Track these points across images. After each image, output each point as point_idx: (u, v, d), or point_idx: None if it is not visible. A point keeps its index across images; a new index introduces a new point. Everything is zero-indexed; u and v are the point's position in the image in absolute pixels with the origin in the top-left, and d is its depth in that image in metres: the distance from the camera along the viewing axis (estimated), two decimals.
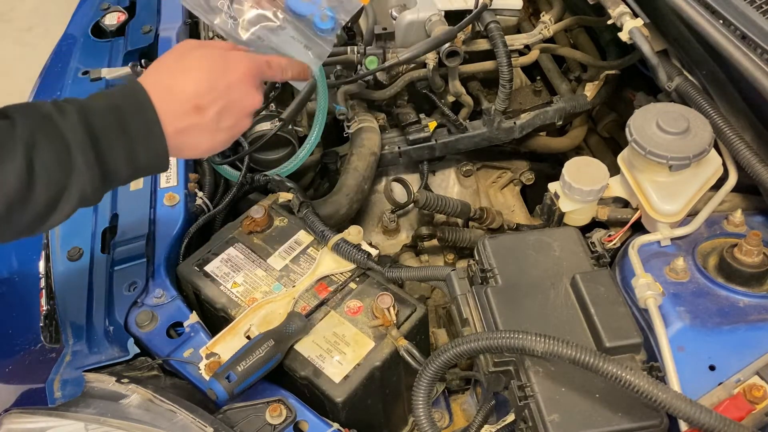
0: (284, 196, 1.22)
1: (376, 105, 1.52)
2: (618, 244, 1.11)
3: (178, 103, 0.83)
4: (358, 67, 1.40)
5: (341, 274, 1.11)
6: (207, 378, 0.97)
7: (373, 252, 1.10)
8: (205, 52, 0.88)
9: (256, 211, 1.17)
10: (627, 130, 1.07)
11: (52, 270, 1.17)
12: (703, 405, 0.77)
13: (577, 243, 1.04)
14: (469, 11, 1.37)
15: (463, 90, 1.46)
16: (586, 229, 1.14)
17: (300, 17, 1.00)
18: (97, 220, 1.21)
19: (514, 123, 1.48)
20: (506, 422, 0.96)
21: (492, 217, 1.41)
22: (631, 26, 1.20)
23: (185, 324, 1.06)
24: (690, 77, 1.18)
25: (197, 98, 0.84)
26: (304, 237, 1.16)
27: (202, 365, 0.99)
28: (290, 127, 1.41)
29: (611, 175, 1.13)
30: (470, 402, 1.20)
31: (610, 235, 1.12)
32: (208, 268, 1.12)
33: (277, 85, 1.35)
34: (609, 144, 1.64)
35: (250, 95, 0.89)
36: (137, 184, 1.24)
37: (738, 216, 1.07)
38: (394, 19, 1.43)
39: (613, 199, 1.16)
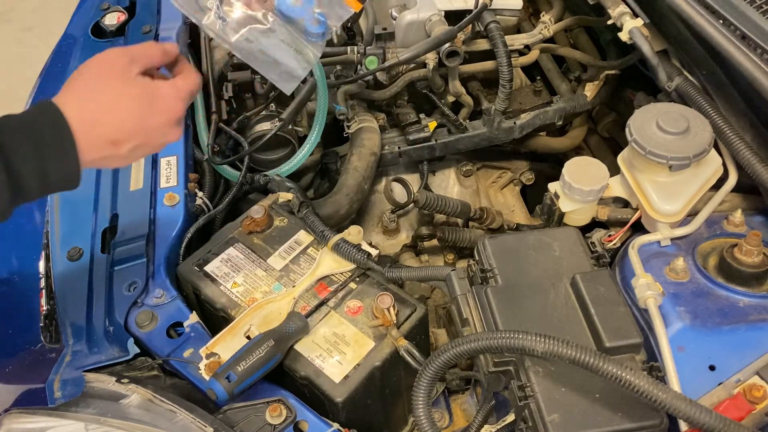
0: (284, 196, 1.22)
1: (376, 105, 1.52)
2: (618, 244, 1.11)
3: (96, 137, 0.85)
4: (358, 67, 1.40)
5: (341, 274, 1.11)
6: (207, 378, 0.97)
7: (373, 252, 1.10)
8: (133, 90, 0.88)
9: (256, 211, 1.17)
10: (627, 130, 1.07)
11: (52, 270, 1.17)
12: (703, 405, 0.77)
13: (577, 243, 1.04)
14: (469, 11, 1.36)
15: (463, 90, 1.46)
16: (586, 229, 1.14)
17: (290, 20, 0.99)
18: (97, 220, 1.21)
19: (514, 123, 1.48)
20: (506, 422, 0.96)
21: (492, 217, 1.41)
22: (631, 26, 1.20)
23: (185, 324, 1.06)
24: (690, 77, 1.18)
25: (117, 135, 0.86)
26: (304, 237, 1.16)
27: (202, 365, 0.99)
28: (290, 127, 1.41)
29: (611, 175, 1.13)
30: (470, 402, 1.20)
31: (610, 235, 1.12)
32: (208, 268, 1.12)
33: None
34: (609, 144, 1.64)
35: (169, 135, 0.92)
36: (137, 184, 1.24)
37: (738, 216, 1.07)
38: (394, 19, 1.43)
39: (613, 199, 1.16)
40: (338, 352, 1.00)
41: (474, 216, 1.39)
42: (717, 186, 1.10)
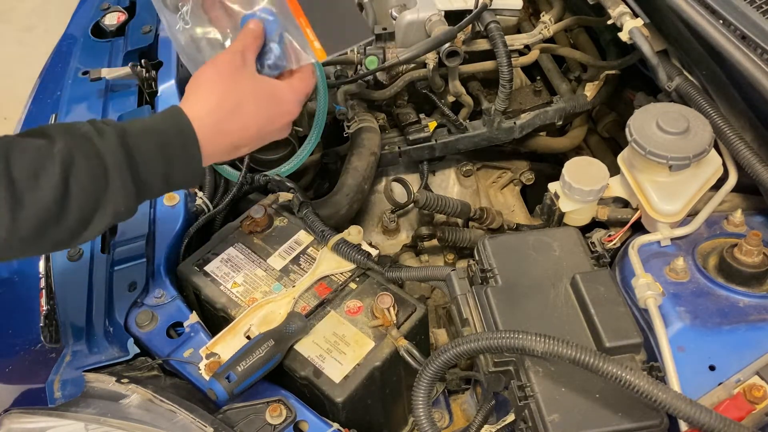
0: (284, 196, 1.22)
1: (376, 105, 1.52)
2: (618, 244, 1.11)
3: (221, 144, 0.88)
4: (358, 67, 1.40)
5: (341, 274, 1.11)
6: (207, 378, 0.97)
7: (373, 252, 1.10)
8: (258, 91, 0.90)
9: (256, 211, 1.17)
10: (627, 130, 1.07)
11: (52, 270, 1.17)
12: (703, 405, 0.77)
13: (577, 243, 1.04)
14: (469, 11, 1.36)
15: (463, 90, 1.46)
16: (586, 229, 1.14)
17: None
18: None
19: (514, 123, 1.48)
20: (506, 422, 0.96)
21: (492, 217, 1.41)
22: (631, 26, 1.20)
23: (185, 324, 1.06)
24: (690, 77, 1.18)
25: (240, 141, 0.90)
26: (304, 237, 1.16)
27: (202, 365, 0.99)
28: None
29: (611, 175, 1.13)
30: (470, 402, 1.20)
31: (610, 235, 1.12)
32: (208, 268, 1.12)
33: None
34: (609, 144, 1.64)
35: (280, 135, 0.95)
36: None
37: (738, 216, 1.07)
38: (394, 19, 1.43)
39: (613, 199, 1.16)
40: (338, 352, 1.00)
41: (474, 216, 1.39)
42: (717, 186, 1.10)
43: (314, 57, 0.95)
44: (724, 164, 1.10)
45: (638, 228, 1.11)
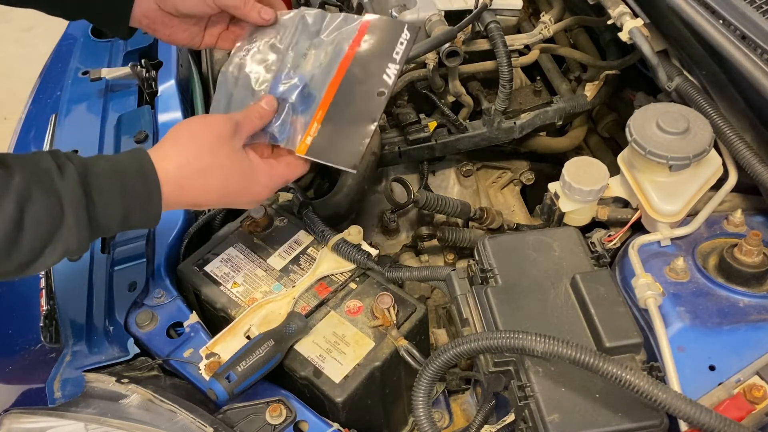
0: (284, 196, 1.22)
1: None
2: (618, 244, 1.11)
3: (181, 198, 0.88)
4: None
5: (341, 274, 1.11)
6: (207, 378, 0.97)
7: (373, 252, 1.10)
8: (234, 167, 0.89)
9: (256, 211, 1.17)
10: (627, 130, 1.07)
11: (52, 270, 1.17)
12: (703, 405, 0.77)
13: (577, 243, 1.04)
14: (469, 11, 1.36)
15: (463, 90, 1.46)
16: (586, 229, 1.14)
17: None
18: None
19: (514, 123, 1.48)
20: (506, 422, 0.96)
21: (492, 217, 1.41)
22: (631, 26, 1.20)
23: (185, 324, 1.07)
24: (690, 77, 1.18)
25: (200, 201, 0.90)
26: (304, 237, 1.16)
27: (202, 365, 0.99)
28: None
29: (611, 175, 1.13)
30: (470, 402, 1.20)
31: (610, 235, 1.12)
32: (208, 268, 1.12)
33: None
34: (609, 144, 1.64)
35: (248, 206, 0.97)
36: None
37: (738, 216, 1.07)
38: None
39: (613, 199, 1.16)
40: (338, 352, 1.00)
41: (474, 216, 1.39)
42: (717, 186, 1.10)
43: (294, 146, 0.95)
44: (724, 164, 1.10)
45: (638, 228, 1.11)
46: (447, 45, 1.34)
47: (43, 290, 1.19)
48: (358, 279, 1.10)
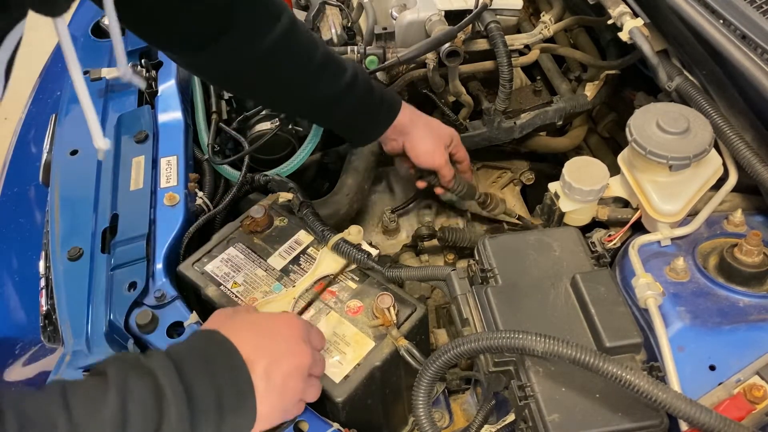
0: (284, 196, 1.22)
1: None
2: (618, 244, 1.11)
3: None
4: None
5: (341, 273, 1.11)
6: None
7: (373, 252, 1.10)
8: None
9: (256, 211, 1.17)
10: (627, 130, 1.07)
11: (52, 270, 1.17)
12: (703, 405, 0.77)
13: (577, 243, 1.04)
14: (469, 11, 1.36)
15: (463, 90, 1.46)
16: (586, 229, 1.14)
17: None
18: (97, 220, 1.21)
19: (514, 123, 1.48)
20: (506, 422, 0.96)
21: (495, 203, 1.41)
22: (631, 26, 1.20)
23: (185, 324, 1.06)
24: (690, 77, 1.18)
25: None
26: (304, 237, 1.16)
27: None
28: (290, 127, 1.41)
29: (611, 175, 1.13)
30: (470, 402, 1.20)
31: (610, 235, 1.12)
32: (208, 268, 1.12)
33: None
34: (609, 144, 1.64)
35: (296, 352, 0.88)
36: (137, 184, 1.24)
37: (738, 216, 1.07)
38: (394, 19, 1.43)
39: (613, 199, 1.16)
40: (338, 352, 1.00)
41: (478, 199, 1.39)
42: (717, 186, 1.10)
43: None
44: (724, 164, 1.10)
45: (638, 228, 1.11)
46: (447, 45, 1.34)
47: (43, 290, 1.19)
48: (358, 279, 1.10)
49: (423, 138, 1.26)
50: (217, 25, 1.06)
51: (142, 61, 1.50)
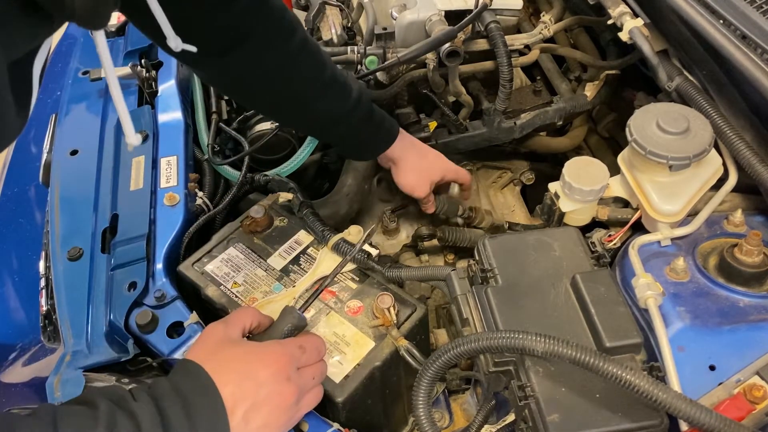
0: (284, 196, 1.22)
1: (377, 105, 1.52)
2: (618, 244, 1.11)
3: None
4: (358, 67, 1.40)
5: (341, 273, 1.11)
6: None
7: (373, 252, 1.10)
8: (236, 351, 0.87)
9: (256, 211, 1.17)
10: (627, 130, 1.07)
11: (52, 270, 1.17)
12: (703, 405, 0.77)
13: (577, 243, 1.04)
14: (469, 11, 1.36)
15: (463, 90, 1.46)
16: (586, 229, 1.14)
17: None
18: (97, 220, 1.21)
19: (514, 123, 1.48)
20: (506, 422, 0.96)
21: (481, 217, 1.43)
22: (631, 26, 1.20)
23: (185, 324, 1.06)
24: (690, 77, 1.18)
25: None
26: (304, 237, 1.16)
27: None
28: None
29: (611, 175, 1.13)
30: (470, 402, 1.20)
31: (610, 235, 1.12)
32: (208, 268, 1.12)
33: None
34: (609, 144, 1.64)
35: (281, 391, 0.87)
36: (137, 184, 1.25)
37: (738, 216, 1.07)
38: (394, 19, 1.43)
39: (613, 199, 1.16)
40: (338, 352, 1.00)
41: (462, 215, 1.41)
42: (717, 186, 1.10)
43: None
44: (724, 164, 1.10)
45: (638, 228, 1.11)
46: (447, 45, 1.34)
47: (43, 290, 1.19)
48: (358, 279, 1.10)
49: (409, 170, 1.31)
50: (235, 35, 1.07)
51: (142, 61, 1.50)
